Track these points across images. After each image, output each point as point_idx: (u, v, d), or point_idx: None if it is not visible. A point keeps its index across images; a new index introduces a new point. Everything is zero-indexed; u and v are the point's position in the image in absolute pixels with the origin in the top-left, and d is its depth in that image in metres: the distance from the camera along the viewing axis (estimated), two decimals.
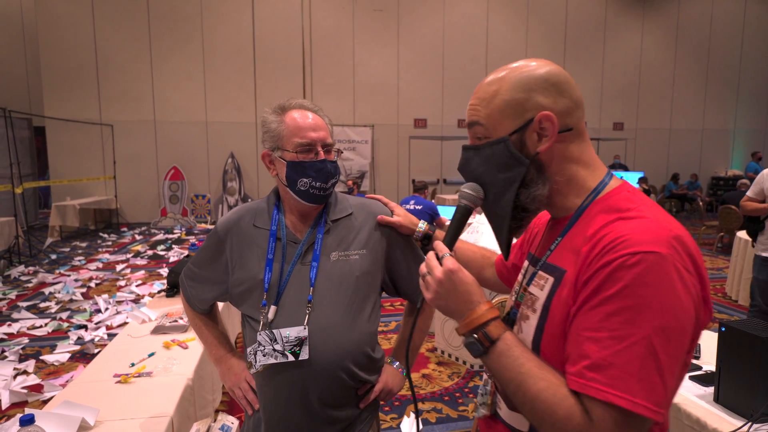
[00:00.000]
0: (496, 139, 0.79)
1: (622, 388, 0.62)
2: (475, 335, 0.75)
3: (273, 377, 1.14)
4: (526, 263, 0.93)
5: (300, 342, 1.11)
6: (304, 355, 1.10)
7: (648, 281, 0.63)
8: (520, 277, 0.92)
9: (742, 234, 4.91)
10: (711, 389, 1.61)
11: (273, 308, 1.14)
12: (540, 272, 0.81)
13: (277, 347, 1.11)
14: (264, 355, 1.11)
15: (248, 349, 1.14)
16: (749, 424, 1.39)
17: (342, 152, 1.28)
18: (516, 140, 0.78)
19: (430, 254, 0.81)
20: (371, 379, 1.23)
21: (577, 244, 0.74)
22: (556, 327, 0.73)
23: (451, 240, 0.85)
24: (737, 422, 1.43)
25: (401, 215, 1.26)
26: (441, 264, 0.79)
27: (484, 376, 0.95)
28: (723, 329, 1.50)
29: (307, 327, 1.12)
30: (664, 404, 0.63)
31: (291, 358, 1.10)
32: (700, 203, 11.28)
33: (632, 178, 9.83)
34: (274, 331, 1.12)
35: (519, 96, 0.77)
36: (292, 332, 1.11)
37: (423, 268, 0.81)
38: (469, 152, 0.85)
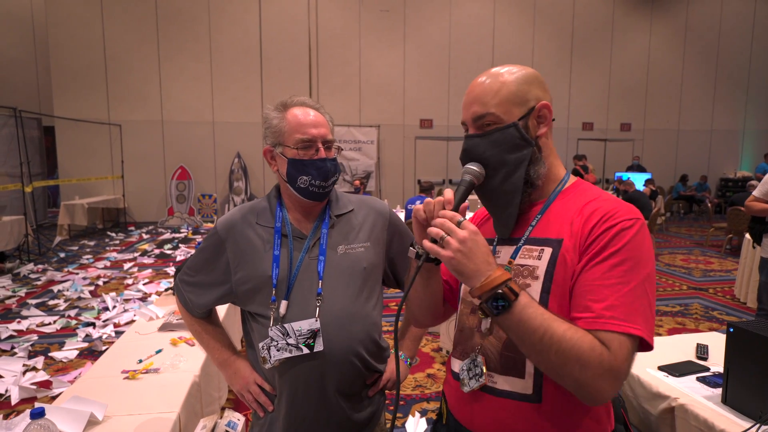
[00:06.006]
0: (507, 124, 0.90)
1: (633, 321, 0.78)
2: (500, 290, 0.79)
3: (288, 371, 1.15)
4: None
5: (313, 334, 1.12)
6: (319, 346, 1.12)
7: (639, 240, 0.82)
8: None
9: None
10: (719, 390, 1.60)
11: (284, 303, 1.15)
12: (526, 246, 0.92)
13: (290, 341, 1.12)
14: (278, 350, 1.12)
15: (260, 345, 1.15)
16: (757, 425, 1.37)
17: (342, 149, 1.30)
18: (522, 125, 0.91)
19: (444, 218, 0.82)
20: (380, 368, 1.26)
21: (568, 218, 0.89)
22: (561, 287, 0.85)
23: (456, 208, 0.87)
24: (745, 423, 1.42)
25: None
26: (460, 227, 0.81)
27: (470, 354, 0.95)
28: (731, 330, 1.49)
29: (318, 319, 1.13)
30: (653, 331, 0.82)
31: (306, 350, 1.11)
32: (709, 205, 11.18)
33: (639, 179, 9.73)
34: (285, 325, 1.13)
35: (522, 88, 0.91)
36: (304, 325, 1.12)
37: (436, 231, 0.81)
38: (475, 139, 0.93)
